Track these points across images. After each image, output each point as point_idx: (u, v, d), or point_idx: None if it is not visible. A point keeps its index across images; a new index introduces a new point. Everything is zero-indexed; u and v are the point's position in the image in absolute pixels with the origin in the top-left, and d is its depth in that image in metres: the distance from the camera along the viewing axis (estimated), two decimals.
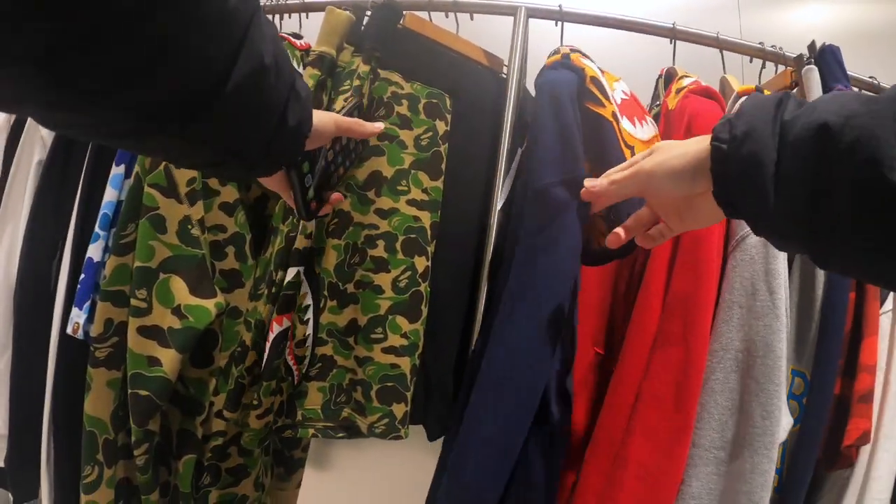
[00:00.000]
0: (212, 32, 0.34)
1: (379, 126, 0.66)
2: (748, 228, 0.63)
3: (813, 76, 0.88)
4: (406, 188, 0.88)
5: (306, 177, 0.58)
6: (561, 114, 0.71)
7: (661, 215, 0.60)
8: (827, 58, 0.89)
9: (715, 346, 0.74)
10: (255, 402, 0.83)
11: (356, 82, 0.85)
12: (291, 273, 0.82)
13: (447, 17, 1.00)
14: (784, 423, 0.70)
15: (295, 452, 1.04)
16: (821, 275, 0.81)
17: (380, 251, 0.85)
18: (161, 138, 0.38)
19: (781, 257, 0.72)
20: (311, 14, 1.04)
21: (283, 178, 0.56)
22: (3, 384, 1.03)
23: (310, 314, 0.85)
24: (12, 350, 0.99)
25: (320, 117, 0.54)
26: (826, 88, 0.87)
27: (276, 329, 0.82)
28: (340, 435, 0.88)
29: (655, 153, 0.55)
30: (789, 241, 0.44)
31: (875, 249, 0.37)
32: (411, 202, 0.88)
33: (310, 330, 0.85)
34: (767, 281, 0.71)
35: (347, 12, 0.89)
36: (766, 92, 0.82)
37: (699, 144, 0.50)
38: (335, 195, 0.65)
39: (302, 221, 0.82)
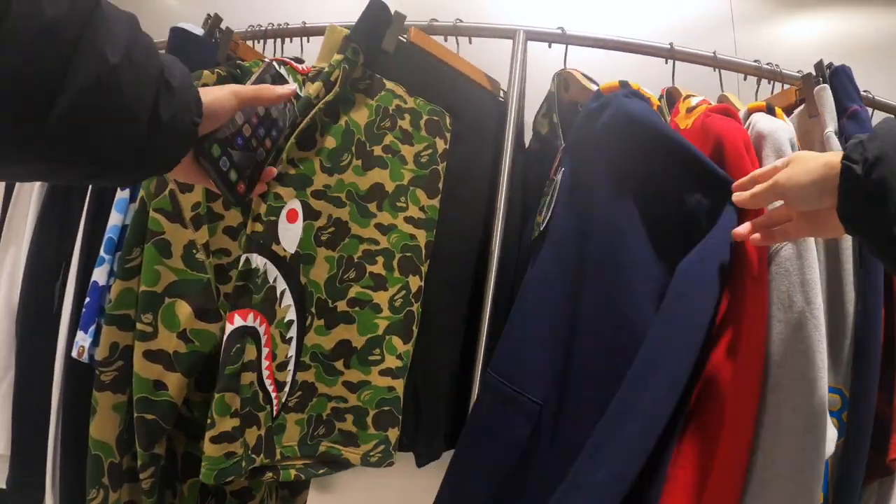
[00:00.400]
0: (27, 52, 0.33)
1: (291, 87, 0.60)
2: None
3: (826, 95, 0.89)
4: (405, 205, 0.88)
5: (220, 160, 0.53)
6: (676, 136, 0.75)
7: (794, 217, 0.63)
8: (841, 77, 0.90)
9: None
10: (208, 421, 0.75)
11: (326, 68, 0.83)
12: (241, 261, 0.77)
13: (446, 40, 1.02)
14: (830, 436, 0.70)
15: None
16: (850, 291, 0.81)
17: (379, 268, 0.85)
18: (16, 165, 0.37)
19: (815, 268, 0.72)
20: (311, 38, 1.05)
21: (196, 168, 0.53)
22: (5, 406, 1.03)
23: (293, 332, 0.81)
24: (15, 372, 0.99)
25: (215, 94, 0.51)
26: (841, 108, 0.88)
27: (228, 327, 0.75)
28: (322, 472, 0.84)
29: (791, 164, 0.58)
30: None
31: None
32: (409, 219, 0.88)
33: (292, 351, 0.81)
34: (804, 291, 0.70)
35: (347, 31, 0.90)
36: (778, 111, 0.83)
37: (829, 162, 0.52)
38: (268, 170, 0.61)
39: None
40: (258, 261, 0.78)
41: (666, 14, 1.55)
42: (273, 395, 0.79)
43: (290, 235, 0.81)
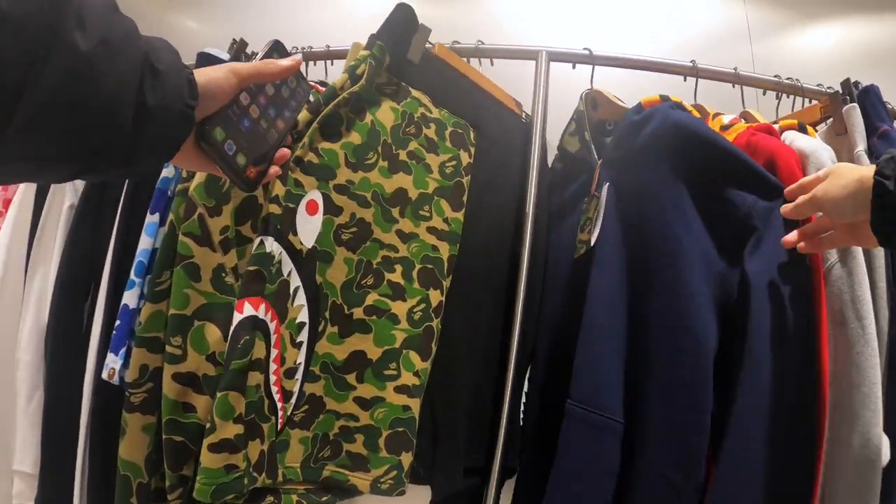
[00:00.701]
0: None
1: (296, 58, 0.55)
2: (832, 259, 0.73)
3: (855, 114, 0.90)
4: (428, 214, 0.87)
5: (225, 144, 0.50)
6: (725, 141, 0.79)
7: (836, 226, 0.65)
8: (871, 97, 0.91)
9: None
10: (207, 425, 0.70)
11: (353, 62, 0.83)
12: (255, 243, 0.73)
13: (469, 62, 1.02)
14: (885, 447, 0.70)
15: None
16: (884, 308, 0.81)
17: (397, 276, 0.82)
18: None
19: (866, 284, 0.74)
20: (335, 62, 1.07)
21: (198, 154, 0.49)
22: (34, 426, 1.04)
23: (303, 336, 0.76)
24: (44, 392, 1.01)
25: (212, 74, 0.48)
26: (871, 128, 0.89)
27: (236, 317, 0.71)
28: (325, 499, 0.79)
29: (830, 177, 0.61)
30: None
31: None
32: (431, 230, 0.87)
33: (301, 358, 0.76)
34: (855, 308, 0.72)
35: None
36: (810, 129, 0.84)
37: (864, 176, 0.55)
38: (281, 151, 0.57)
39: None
40: (273, 246, 0.74)
41: (679, 29, 1.55)
42: (279, 405, 0.74)
43: (308, 228, 0.77)
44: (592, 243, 0.86)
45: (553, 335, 0.97)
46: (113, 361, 0.85)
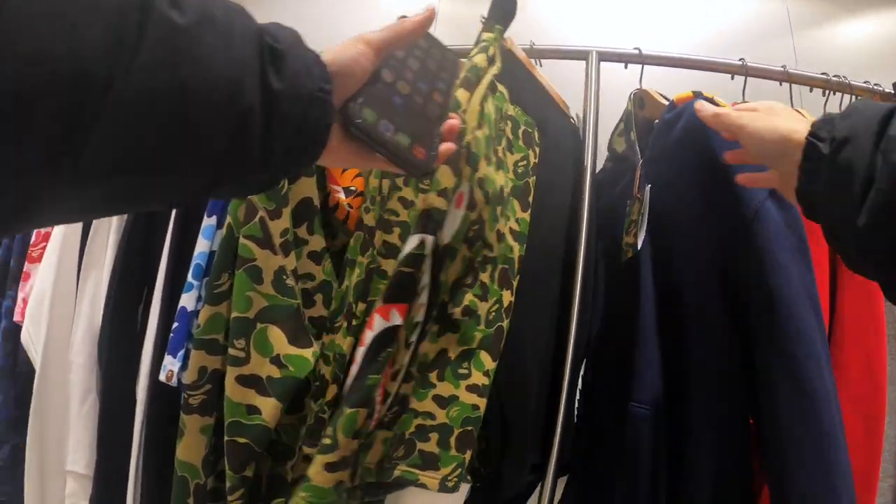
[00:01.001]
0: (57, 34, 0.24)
1: (430, 6, 0.46)
2: None
3: None
4: (508, 214, 0.85)
5: (381, 125, 0.42)
6: None
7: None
8: None
9: None
10: (326, 441, 0.66)
11: (482, 42, 0.79)
12: (414, 242, 0.65)
13: None
14: None
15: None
16: None
17: (486, 276, 0.78)
18: (77, 189, 0.27)
19: None
20: None
21: (350, 145, 0.42)
22: (87, 427, 1.05)
23: (415, 336, 0.72)
24: (99, 394, 1.02)
25: (342, 51, 0.40)
26: None
27: (379, 323, 0.63)
28: (380, 497, 0.79)
29: (765, 112, 0.54)
30: (862, 263, 0.43)
31: None
32: (511, 230, 0.85)
33: (407, 358, 0.73)
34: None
35: None
36: None
37: (796, 130, 0.48)
38: (449, 124, 0.48)
39: (416, 188, 0.70)
40: (429, 246, 0.67)
41: (716, 23, 1.53)
42: (377, 407, 0.69)
43: (451, 222, 0.71)
44: (639, 246, 0.86)
45: (601, 335, 0.98)
46: (171, 363, 0.86)
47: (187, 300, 0.87)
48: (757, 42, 1.51)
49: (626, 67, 0.97)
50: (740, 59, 1.03)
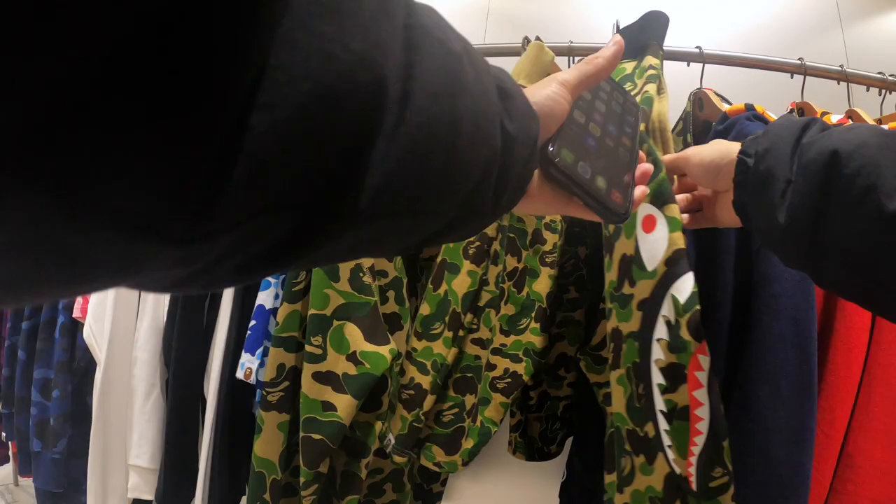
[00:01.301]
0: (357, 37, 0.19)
1: (617, 41, 0.42)
2: None
3: None
4: None
5: (579, 166, 0.39)
6: None
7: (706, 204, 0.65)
8: None
9: None
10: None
11: (651, 71, 0.80)
12: (689, 283, 0.64)
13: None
14: None
15: (434, 486, 1.06)
16: None
17: None
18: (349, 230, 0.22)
19: None
20: None
21: (548, 188, 0.39)
22: (152, 422, 1.07)
23: None
24: (170, 391, 1.03)
25: (538, 91, 0.37)
26: None
27: (704, 364, 0.63)
28: None
29: (708, 144, 0.60)
30: (792, 258, 0.47)
31: (863, 274, 0.40)
32: None
33: None
34: None
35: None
36: None
37: (729, 150, 0.55)
38: (643, 168, 0.46)
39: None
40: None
41: (758, 15, 1.49)
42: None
43: (651, 248, 0.69)
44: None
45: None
46: (249, 361, 0.87)
47: (265, 298, 0.88)
48: (804, 37, 1.47)
49: (688, 66, 0.97)
50: (799, 59, 1.03)
